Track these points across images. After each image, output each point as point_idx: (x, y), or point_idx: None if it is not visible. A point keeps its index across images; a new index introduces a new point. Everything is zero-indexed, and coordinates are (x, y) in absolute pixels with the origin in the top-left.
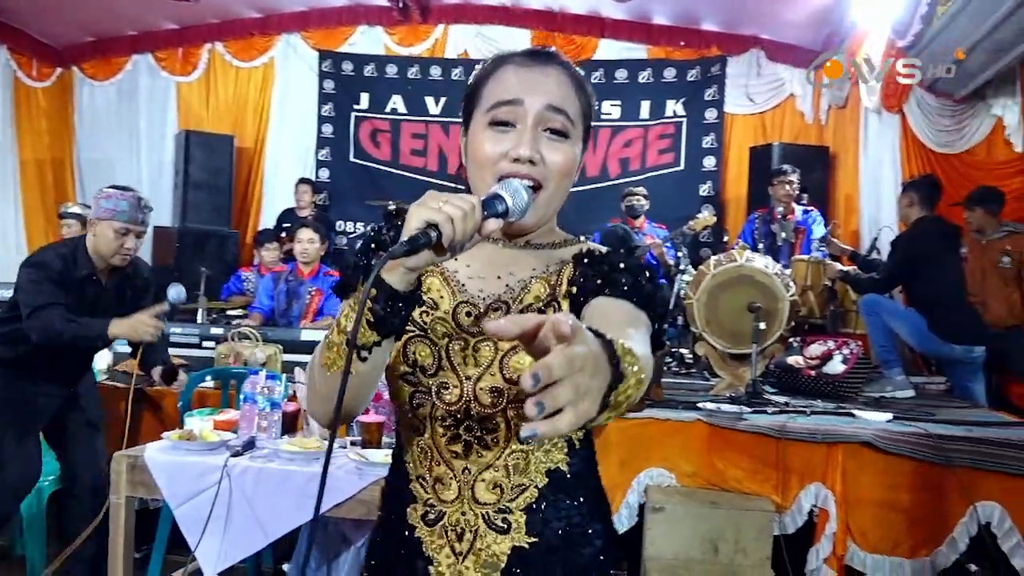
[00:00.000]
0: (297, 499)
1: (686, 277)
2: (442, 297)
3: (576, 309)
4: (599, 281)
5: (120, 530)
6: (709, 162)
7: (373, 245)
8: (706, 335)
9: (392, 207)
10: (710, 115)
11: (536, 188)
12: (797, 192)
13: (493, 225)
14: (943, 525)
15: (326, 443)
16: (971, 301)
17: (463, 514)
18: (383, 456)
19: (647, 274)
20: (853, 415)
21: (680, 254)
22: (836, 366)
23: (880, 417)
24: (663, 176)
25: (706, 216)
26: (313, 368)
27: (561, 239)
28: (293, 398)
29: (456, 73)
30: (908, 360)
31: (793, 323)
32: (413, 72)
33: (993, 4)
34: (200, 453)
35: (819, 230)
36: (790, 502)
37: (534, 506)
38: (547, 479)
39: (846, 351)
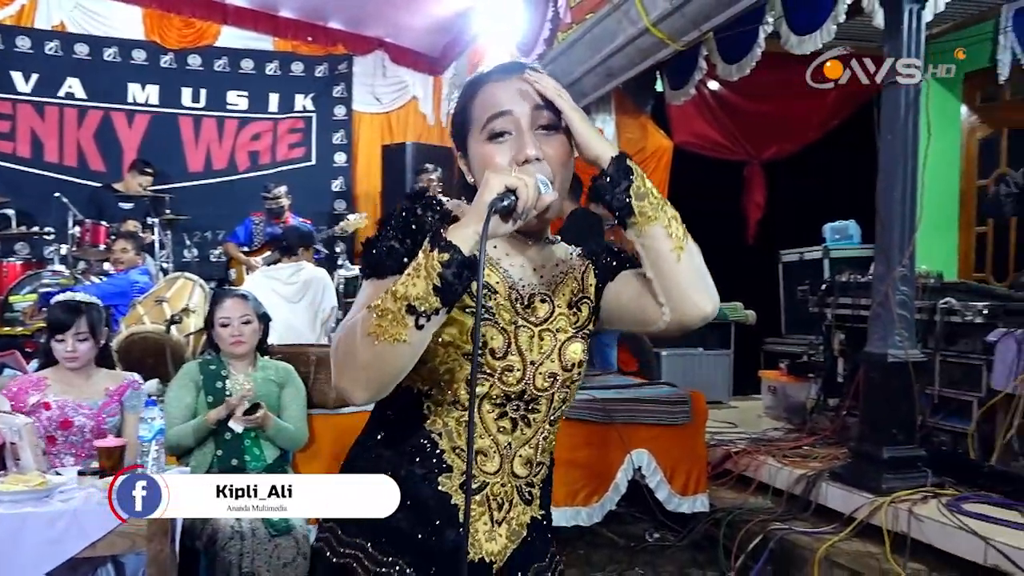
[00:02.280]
0: (39, 546)
1: (344, 272)
2: (497, 282)
3: (599, 295)
4: (614, 263)
5: None
6: (340, 158)
7: (414, 226)
8: None
9: (418, 186)
10: (339, 112)
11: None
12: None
13: (549, 198)
14: (608, 473)
15: (51, 476)
16: None
17: (503, 485)
18: None
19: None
20: None
21: (339, 249)
22: None
23: None
24: (295, 170)
25: (357, 219)
26: (350, 339)
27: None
28: None
29: (51, 47)
30: None
31: None
32: None
33: (609, 37)
34: None
35: None
36: None
37: (545, 482)
38: (550, 458)
39: None
